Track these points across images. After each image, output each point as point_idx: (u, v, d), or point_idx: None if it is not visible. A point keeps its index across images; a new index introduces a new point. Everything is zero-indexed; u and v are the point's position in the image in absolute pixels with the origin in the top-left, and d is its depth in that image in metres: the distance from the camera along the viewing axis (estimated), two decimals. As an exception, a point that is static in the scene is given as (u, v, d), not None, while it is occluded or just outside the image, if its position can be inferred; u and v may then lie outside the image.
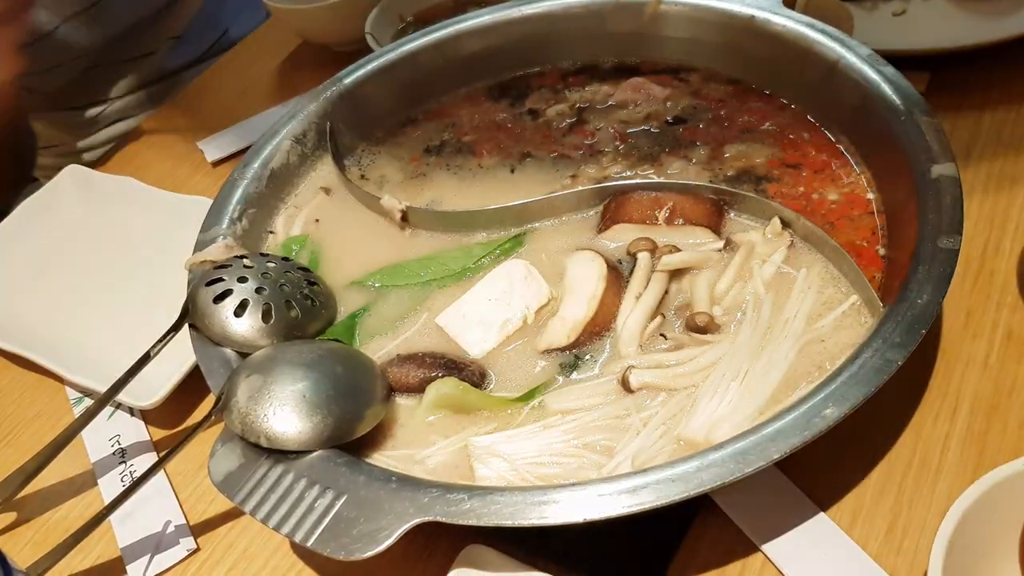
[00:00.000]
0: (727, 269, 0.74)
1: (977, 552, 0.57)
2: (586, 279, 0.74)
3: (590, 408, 0.67)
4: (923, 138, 0.73)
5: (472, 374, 0.70)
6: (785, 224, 0.76)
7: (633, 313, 0.72)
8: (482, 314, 0.74)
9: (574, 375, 0.70)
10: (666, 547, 0.65)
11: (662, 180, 0.83)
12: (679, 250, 0.76)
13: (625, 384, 0.68)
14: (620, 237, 0.79)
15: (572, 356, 0.71)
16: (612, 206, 0.81)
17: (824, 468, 0.67)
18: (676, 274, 0.75)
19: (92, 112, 1.45)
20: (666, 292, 0.74)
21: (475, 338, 0.74)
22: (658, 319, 0.72)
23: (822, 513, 0.65)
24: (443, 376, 0.69)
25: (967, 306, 0.77)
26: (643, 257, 0.76)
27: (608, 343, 0.72)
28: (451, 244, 0.84)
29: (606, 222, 0.80)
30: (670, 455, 0.63)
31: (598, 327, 0.72)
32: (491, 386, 0.71)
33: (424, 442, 0.68)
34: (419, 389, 0.70)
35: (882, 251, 0.74)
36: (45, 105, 1.41)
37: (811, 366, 0.66)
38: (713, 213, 0.78)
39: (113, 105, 1.46)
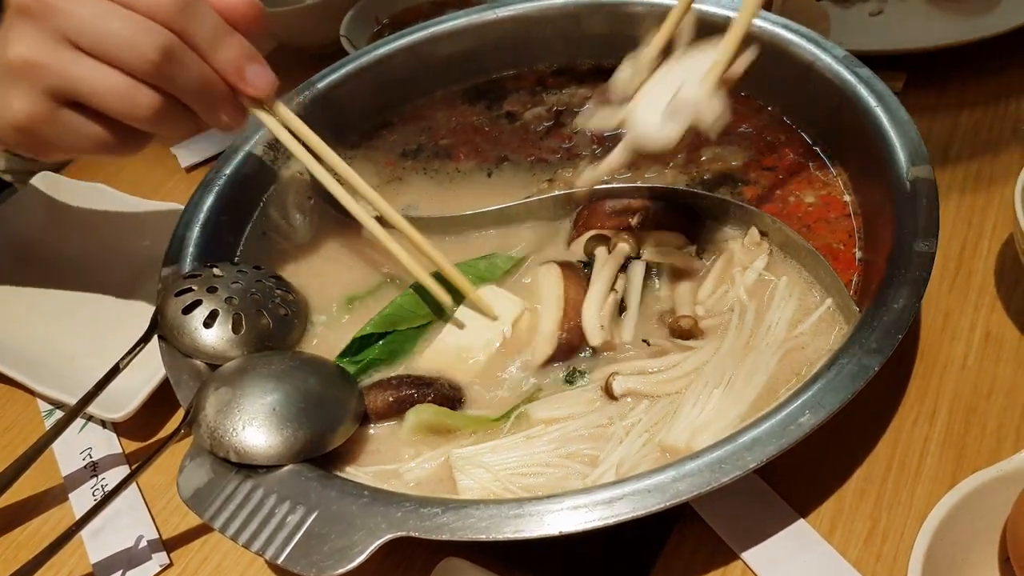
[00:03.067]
0: (708, 276, 0.74)
1: (957, 557, 0.57)
2: (549, 286, 0.75)
3: (574, 417, 0.67)
4: (899, 140, 0.73)
5: (443, 387, 0.69)
6: (763, 233, 0.75)
7: (588, 300, 0.72)
8: (462, 343, 0.73)
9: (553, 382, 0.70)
10: (646, 556, 0.65)
11: (638, 184, 0.83)
12: (633, 239, 0.76)
13: (608, 391, 0.67)
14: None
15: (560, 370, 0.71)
16: (584, 214, 0.80)
17: (804, 473, 0.67)
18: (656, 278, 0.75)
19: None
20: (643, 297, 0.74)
21: (463, 366, 0.73)
22: (613, 295, 0.72)
23: (802, 520, 0.64)
24: (414, 393, 0.68)
25: (945, 307, 0.77)
26: (600, 253, 0.76)
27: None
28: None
29: (578, 230, 0.80)
30: (654, 463, 0.62)
31: (573, 320, 0.72)
32: (467, 399, 0.70)
33: (404, 455, 0.67)
34: (396, 413, 0.68)
35: (859, 254, 0.74)
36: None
37: (791, 373, 0.66)
38: (687, 219, 0.78)
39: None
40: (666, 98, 0.66)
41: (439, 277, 0.74)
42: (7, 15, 0.60)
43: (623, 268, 0.75)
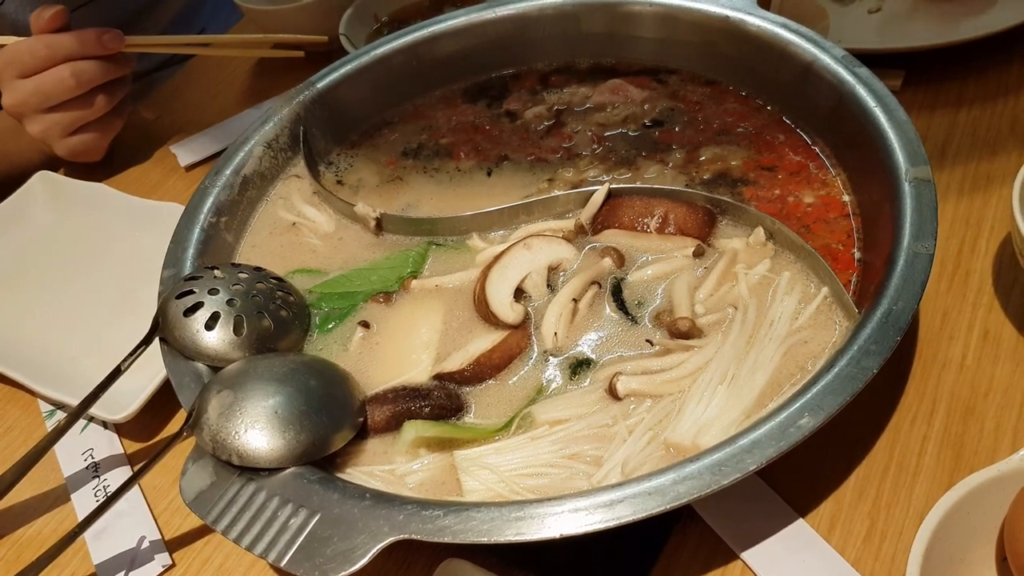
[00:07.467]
0: (709, 275, 0.74)
1: (955, 557, 0.57)
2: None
3: (578, 418, 0.67)
4: (898, 140, 0.73)
5: (439, 397, 0.69)
6: (769, 235, 0.75)
7: (551, 305, 0.74)
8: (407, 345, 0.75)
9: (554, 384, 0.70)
10: (646, 556, 0.65)
11: (638, 185, 0.83)
12: (619, 258, 0.77)
13: (612, 392, 0.67)
14: (610, 242, 0.79)
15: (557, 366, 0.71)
16: (604, 210, 0.80)
17: (803, 473, 0.67)
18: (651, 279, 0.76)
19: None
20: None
21: (422, 360, 0.74)
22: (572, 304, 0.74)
23: (801, 519, 0.65)
24: (411, 407, 0.68)
25: (943, 307, 0.77)
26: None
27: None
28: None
29: (596, 227, 0.80)
30: (658, 462, 0.62)
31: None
32: (468, 405, 0.70)
33: (408, 456, 0.67)
34: (395, 427, 0.68)
35: (858, 254, 0.74)
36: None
37: (795, 367, 0.66)
38: (705, 223, 0.77)
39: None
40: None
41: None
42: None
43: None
